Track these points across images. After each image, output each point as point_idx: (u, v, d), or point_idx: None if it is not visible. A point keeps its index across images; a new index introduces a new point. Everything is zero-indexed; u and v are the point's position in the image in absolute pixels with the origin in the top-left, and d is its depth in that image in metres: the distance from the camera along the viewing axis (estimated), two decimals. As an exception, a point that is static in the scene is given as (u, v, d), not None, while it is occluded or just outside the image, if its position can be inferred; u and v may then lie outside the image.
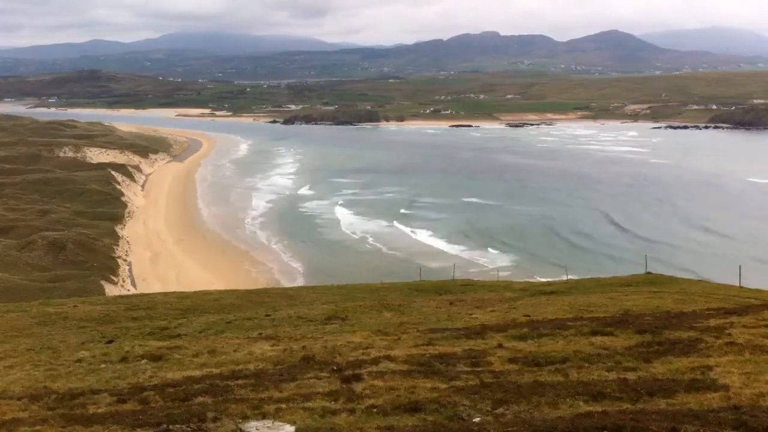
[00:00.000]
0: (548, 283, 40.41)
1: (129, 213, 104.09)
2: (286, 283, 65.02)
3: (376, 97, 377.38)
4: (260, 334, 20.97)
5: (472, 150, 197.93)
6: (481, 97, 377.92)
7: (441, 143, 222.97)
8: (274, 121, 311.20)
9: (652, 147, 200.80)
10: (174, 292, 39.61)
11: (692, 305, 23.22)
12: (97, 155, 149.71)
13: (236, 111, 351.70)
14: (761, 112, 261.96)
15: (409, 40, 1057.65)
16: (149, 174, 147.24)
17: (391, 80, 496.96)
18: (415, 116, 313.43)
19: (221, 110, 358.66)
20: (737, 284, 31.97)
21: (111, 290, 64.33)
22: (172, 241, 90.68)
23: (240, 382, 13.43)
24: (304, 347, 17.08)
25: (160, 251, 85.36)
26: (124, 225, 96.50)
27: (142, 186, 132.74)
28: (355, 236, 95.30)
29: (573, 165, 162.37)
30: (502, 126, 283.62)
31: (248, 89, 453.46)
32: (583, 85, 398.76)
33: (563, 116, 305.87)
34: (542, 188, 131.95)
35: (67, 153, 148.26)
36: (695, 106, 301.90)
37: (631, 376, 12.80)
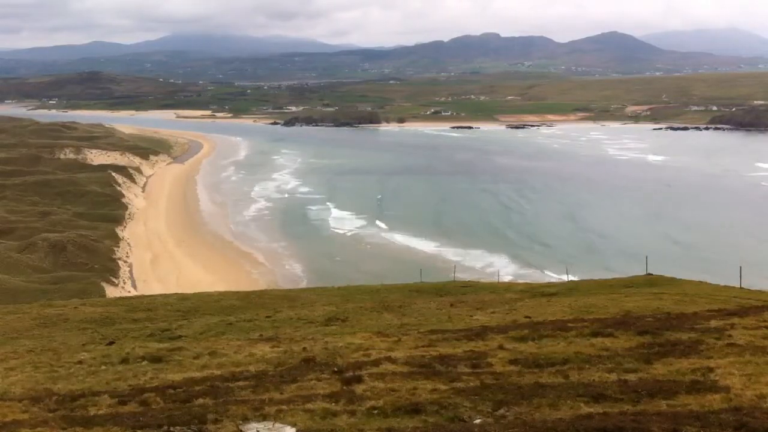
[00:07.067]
0: (549, 285, 40.39)
1: (129, 214, 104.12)
2: (286, 285, 64.99)
3: (376, 98, 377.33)
4: (261, 335, 20.97)
5: (472, 152, 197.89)
6: (482, 98, 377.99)
7: (441, 145, 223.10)
8: (275, 123, 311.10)
9: (647, 149, 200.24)
10: (174, 294, 39.58)
11: (693, 306, 23.20)
12: (97, 157, 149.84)
13: (237, 112, 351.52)
14: (762, 114, 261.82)
15: (409, 41, 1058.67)
16: (150, 175, 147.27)
17: (391, 81, 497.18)
18: (416, 117, 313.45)
19: (222, 112, 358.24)
20: (738, 285, 31.91)
21: (111, 292, 64.34)
22: (173, 243, 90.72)
23: (241, 383, 13.43)
24: (304, 349, 17.08)
25: (161, 253, 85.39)
26: (125, 226, 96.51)
27: (143, 187, 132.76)
28: (348, 235, 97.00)
29: (566, 166, 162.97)
30: (503, 127, 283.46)
31: (249, 91, 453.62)
32: (583, 87, 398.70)
33: (563, 117, 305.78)
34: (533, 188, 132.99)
35: (68, 155, 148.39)
36: (696, 108, 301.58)
37: (631, 377, 12.80)
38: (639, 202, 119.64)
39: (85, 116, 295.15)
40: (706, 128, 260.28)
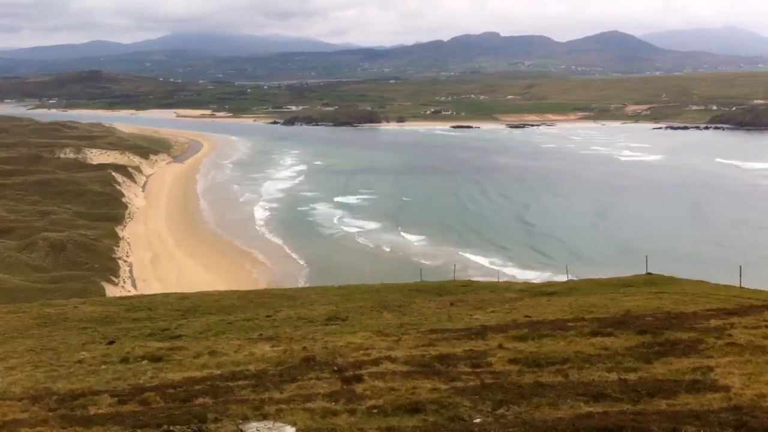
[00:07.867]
0: (549, 284, 40.37)
1: (129, 214, 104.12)
2: (286, 284, 65.00)
3: (376, 97, 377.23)
4: (261, 335, 20.98)
5: (471, 151, 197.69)
6: (482, 97, 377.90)
7: (440, 144, 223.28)
8: (275, 122, 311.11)
9: (638, 148, 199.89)
10: (174, 293, 39.55)
11: (693, 306, 23.19)
12: (97, 156, 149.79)
13: (236, 112, 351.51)
14: (761, 113, 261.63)
15: (408, 40, 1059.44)
16: (150, 175, 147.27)
17: (391, 81, 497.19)
18: (416, 117, 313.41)
19: (221, 111, 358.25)
20: (738, 285, 31.88)
21: (111, 291, 64.37)
22: (173, 242, 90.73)
23: (241, 383, 13.44)
24: (304, 348, 17.08)
25: (161, 252, 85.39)
26: (125, 226, 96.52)
27: (143, 187, 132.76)
28: (349, 232, 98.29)
29: (562, 166, 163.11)
30: (503, 127, 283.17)
31: (249, 90, 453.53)
32: (583, 86, 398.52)
33: (563, 117, 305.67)
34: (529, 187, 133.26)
35: (68, 154, 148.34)
36: (696, 107, 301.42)
37: (631, 376, 12.80)
38: (604, 195, 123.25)
39: (84, 115, 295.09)
40: (706, 128, 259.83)
